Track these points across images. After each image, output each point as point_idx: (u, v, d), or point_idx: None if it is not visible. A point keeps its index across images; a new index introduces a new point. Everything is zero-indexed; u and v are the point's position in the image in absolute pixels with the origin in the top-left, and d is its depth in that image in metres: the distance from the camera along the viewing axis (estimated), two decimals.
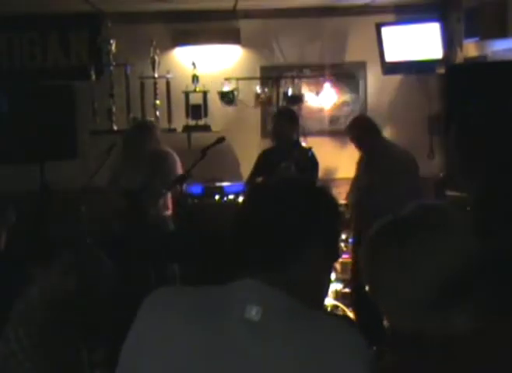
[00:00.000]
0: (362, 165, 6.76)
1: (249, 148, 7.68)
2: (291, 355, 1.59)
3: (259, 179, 6.54)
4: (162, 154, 6.68)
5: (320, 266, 1.75)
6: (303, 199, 1.74)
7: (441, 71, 7.13)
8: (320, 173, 8.20)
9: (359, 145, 6.71)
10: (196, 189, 7.27)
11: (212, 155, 6.57)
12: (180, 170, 6.62)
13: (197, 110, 7.92)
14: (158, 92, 7.86)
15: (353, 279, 6.65)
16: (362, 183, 6.67)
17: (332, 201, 1.84)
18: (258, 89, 8.00)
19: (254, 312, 1.62)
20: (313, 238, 1.72)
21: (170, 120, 7.89)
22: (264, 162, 6.76)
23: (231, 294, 1.67)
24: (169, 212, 6.68)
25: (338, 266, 7.52)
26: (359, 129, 6.65)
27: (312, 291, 1.76)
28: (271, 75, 8.05)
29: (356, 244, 6.74)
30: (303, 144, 7.11)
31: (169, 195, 6.65)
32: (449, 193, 5.95)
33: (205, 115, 7.92)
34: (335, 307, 6.99)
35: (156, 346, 1.66)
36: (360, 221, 6.55)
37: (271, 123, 7.09)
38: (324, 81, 8.11)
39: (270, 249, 1.69)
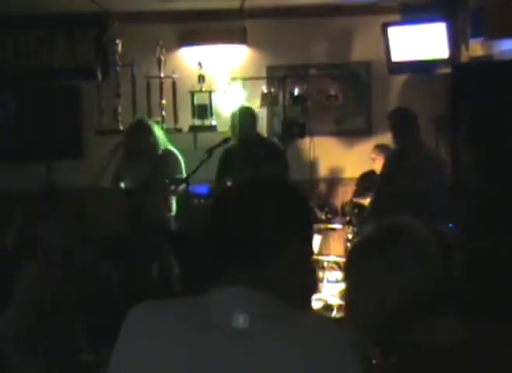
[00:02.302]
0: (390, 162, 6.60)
1: None
2: (282, 360, 1.58)
3: (227, 180, 6.49)
4: (164, 154, 6.67)
5: (297, 264, 1.73)
6: (275, 198, 1.73)
7: (447, 70, 7.12)
8: (327, 173, 8.24)
9: (395, 138, 6.55)
10: (202, 189, 7.27)
11: (217, 155, 6.59)
12: (183, 171, 6.61)
13: (203, 110, 7.92)
14: (164, 91, 7.86)
15: None
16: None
17: (304, 199, 1.83)
18: (264, 89, 8.00)
19: (241, 320, 1.61)
20: (288, 236, 1.71)
21: (176, 120, 7.89)
22: (229, 162, 6.69)
23: (215, 303, 1.65)
24: (171, 214, 6.68)
25: (343, 266, 7.51)
26: (398, 122, 6.50)
27: (294, 288, 1.75)
28: (277, 75, 8.04)
29: None
30: (273, 139, 7.05)
31: (172, 196, 6.65)
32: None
33: (211, 115, 7.93)
34: (341, 306, 6.97)
35: (143, 362, 1.64)
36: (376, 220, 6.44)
37: (231, 123, 6.96)
38: (330, 81, 8.10)
39: (247, 250, 1.68)
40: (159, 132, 6.78)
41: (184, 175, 6.52)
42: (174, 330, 1.65)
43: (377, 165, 7.27)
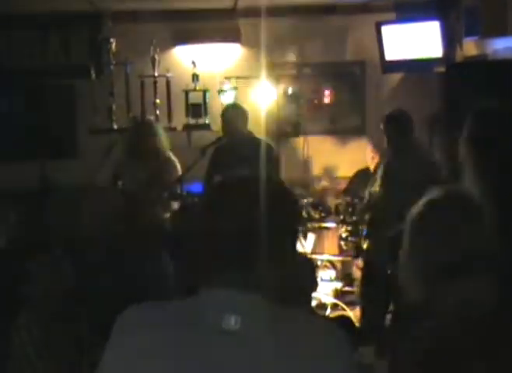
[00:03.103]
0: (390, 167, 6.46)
1: None
2: (274, 361, 1.58)
3: (217, 178, 6.46)
4: (164, 159, 6.66)
5: (291, 263, 1.73)
6: (266, 197, 1.70)
7: (441, 69, 7.13)
8: (321, 172, 8.24)
9: (388, 141, 6.31)
10: (196, 187, 7.26)
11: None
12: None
13: (197, 109, 7.92)
14: (158, 90, 7.86)
15: (364, 275, 6.42)
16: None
17: (293, 198, 1.83)
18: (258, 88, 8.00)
19: (232, 322, 1.60)
20: (280, 236, 1.70)
21: (170, 119, 7.89)
22: (218, 159, 6.64)
23: (206, 305, 1.64)
24: (167, 214, 6.67)
25: (338, 264, 7.53)
26: (389, 126, 6.25)
27: (290, 287, 1.75)
28: (271, 74, 8.04)
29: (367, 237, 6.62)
30: (265, 138, 7.02)
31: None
32: None
33: (205, 114, 7.93)
34: (335, 305, 6.99)
35: (134, 365, 1.64)
36: (374, 218, 6.35)
37: (221, 121, 6.88)
38: (324, 80, 8.10)
39: (240, 251, 1.66)
40: (164, 136, 6.76)
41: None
42: (165, 333, 1.64)
43: (375, 165, 7.23)
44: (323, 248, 7.57)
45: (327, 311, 6.91)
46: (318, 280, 6.62)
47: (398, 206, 5.78)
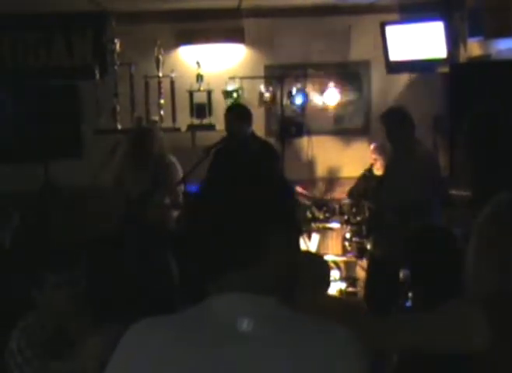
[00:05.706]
0: (390, 163, 6.42)
1: None
2: (287, 363, 1.57)
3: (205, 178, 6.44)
4: (166, 163, 6.67)
5: (287, 253, 1.68)
6: (263, 187, 1.67)
7: (445, 70, 7.13)
8: (325, 172, 8.23)
9: (388, 138, 6.24)
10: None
11: None
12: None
13: (201, 109, 7.92)
14: (162, 91, 7.85)
15: (368, 275, 6.39)
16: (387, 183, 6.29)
17: (289, 186, 1.78)
18: (263, 88, 8.01)
19: (245, 324, 1.59)
20: (277, 227, 1.65)
21: (174, 119, 7.89)
22: (220, 160, 6.64)
23: (217, 309, 1.63)
24: (170, 214, 6.69)
25: (342, 265, 7.53)
26: (391, 121, 6.14)
27: (284, 285, 1.73)
28: (275, 74, 8.05)
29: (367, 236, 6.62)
30: (268, 138, 7.01)
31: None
32: (453, 192, 5.95)
33: (210, 114, 7.92)
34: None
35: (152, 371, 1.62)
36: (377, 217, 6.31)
37: (225, 121, 6.80)
38: (328, 81, 8.10)
39: (240, 248, 1.63)
40: (164, 140, 6.78)
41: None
42: (178, 339, 1.62)
43: (378, 166, 7.22)
44: (327, 248, 7.57)
45: None
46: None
47: (398, 201, 5.85)
